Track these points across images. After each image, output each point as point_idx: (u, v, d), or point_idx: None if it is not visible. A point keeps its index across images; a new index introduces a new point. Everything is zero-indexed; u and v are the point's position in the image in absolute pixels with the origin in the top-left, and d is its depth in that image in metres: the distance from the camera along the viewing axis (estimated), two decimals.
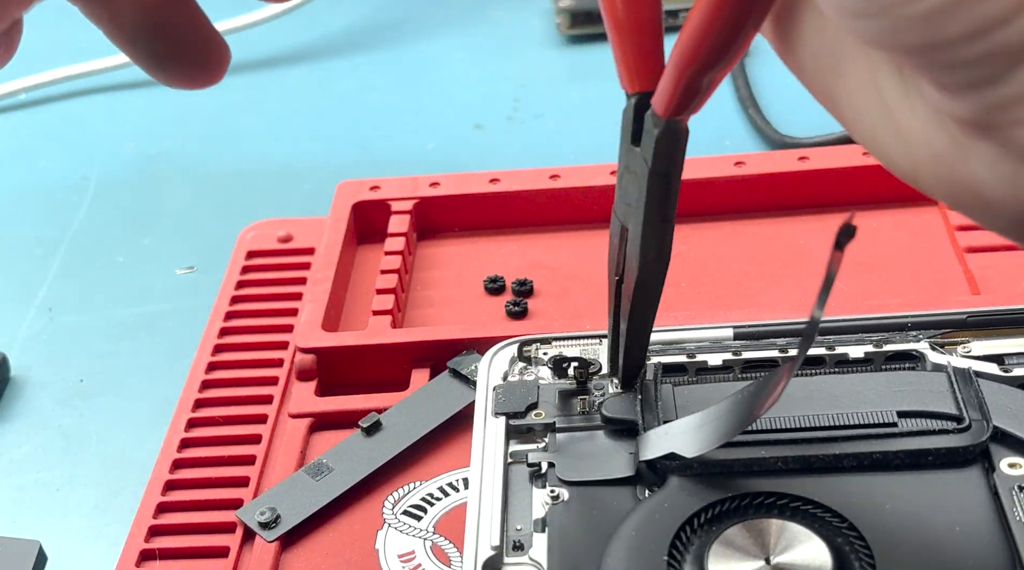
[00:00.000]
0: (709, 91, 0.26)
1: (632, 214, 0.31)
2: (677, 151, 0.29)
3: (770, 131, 0.56)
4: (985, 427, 0.32)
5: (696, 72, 0.25)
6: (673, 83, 0.26)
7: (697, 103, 0.27)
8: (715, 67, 0.25)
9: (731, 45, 0.24)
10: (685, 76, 0.25)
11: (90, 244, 0.56)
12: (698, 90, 0.26)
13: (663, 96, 0.27)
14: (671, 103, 0.27)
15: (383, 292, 0.45)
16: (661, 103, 0.27)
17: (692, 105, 0.27)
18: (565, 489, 0.33)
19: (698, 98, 0.26)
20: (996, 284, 0.43)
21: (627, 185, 0.30)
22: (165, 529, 0.39)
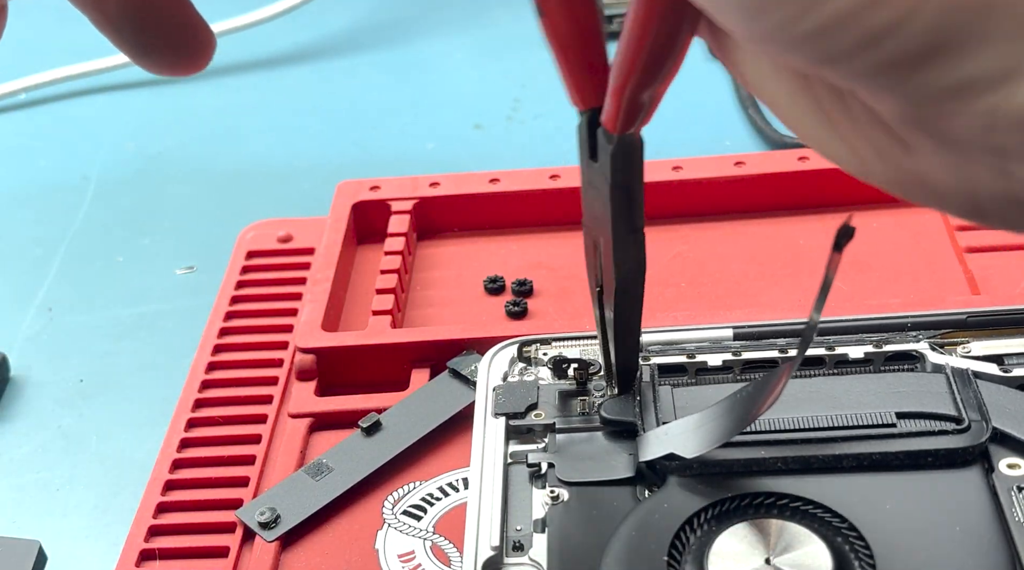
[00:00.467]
0: (654, 104, 0.26)
1: (601, 228, 0.31)
2: (634, 163, 0.29)
3: (770, 131, 0.56)
4: (984, 428, 0.33)
5: (635, 90, 0.25)
6: (615, 101, 0.26)
7: (644, 117, 0.27)
8: (652, 83, 0.25)
9: (663, 62, 0.24)
10: (626, 94, 0.26)
11: (90, 244, 0.56)
12: (641, 105, 0.26)
13: (609, 114, 0.27)
14: (617, 120, 0.27)
15: (383, 292, 0.45)
16: (610, 119, 0.27)
17: (639, 119, 0.27)
18: (565, 489, 0.33)
19: (643, 112, 0.27)
20: (996, 284, 0.43)
21: (591, 200, 0.31)
22: (165, 529, 0.39)
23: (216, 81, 0.67)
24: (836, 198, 0.48)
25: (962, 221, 0.46)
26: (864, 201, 0.48)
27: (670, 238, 0.48)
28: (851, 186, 0.48)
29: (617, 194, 0.29)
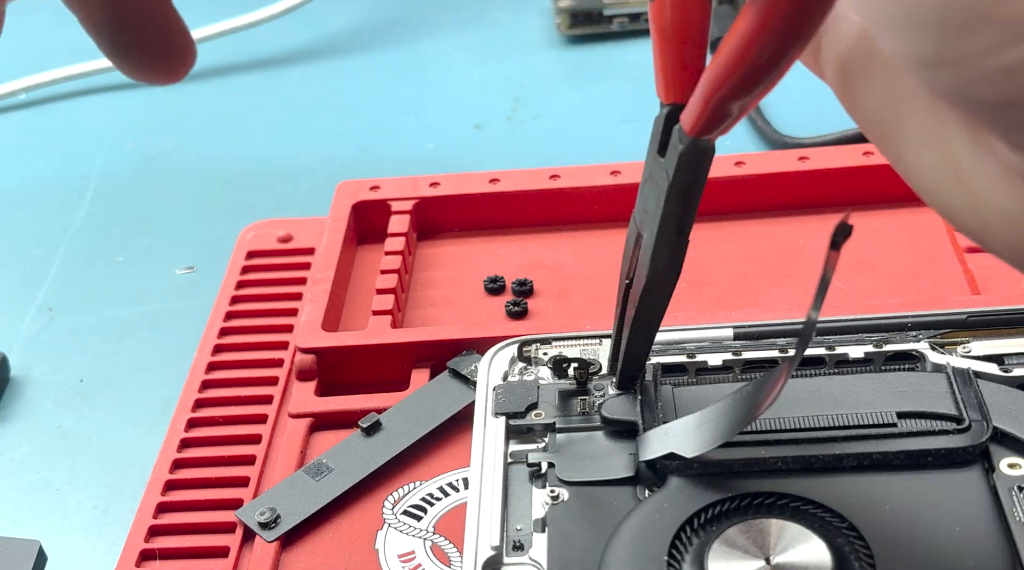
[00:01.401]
0: (740, 116, 0.25)
1: (648, 223, 0.31)
2: (701, 169, 0.28)
3: (770, 131, 0.56)
4: (985, 428, 0.33)
5: (726, 98, 0.24)
6: (702, 104, 0.25)
7: (726, 126, 0.26)
8: (747, 95, 0.24)
9: (767, 75, 0.23)
10: (715, 100, 0.24)
11: (90, 244, 0.56)
12: (728, 115, 0.25)
13: (692, 115, 0.26)
14: (698, 123, 0.26)
15: (383, 292, 0.45)
16: (689, 121, 0.26)
17: (721, 127, 0.26)
18: (565, 489, 0.33)
19: (728, 122, 0.25)
20: (996, 284, 0.43)
21: (648, 193, 0.30)
22: (165, 529, 0.39)
23: (216, 81, 0.67)
24: (836, 198, 0.48)
25: None
26: (864, 201, 0.48)
27: None
28: (851, 186, 0.48)
29: (674, 194, 0.29)
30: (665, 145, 0.29)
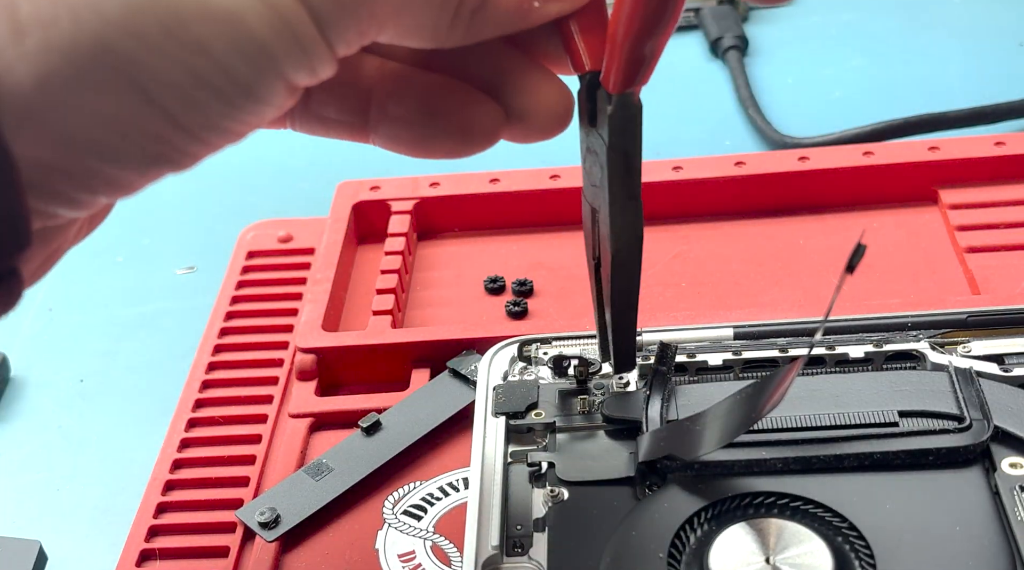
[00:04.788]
0: (654, 60, 0.27)
1: (600, 194, 0.31)
2: (634, 126, 0.29)
3: (770, 131, 0.56)
4: (986, 427, 0.33)
5: (636, 42, 0.26)
6: (617, 56, 0.27)
7: (644, 73, 0.27)
8: (653, 34, 0.26)
9: (664, 9, 0.26)
10: (627, 47, 0.26)
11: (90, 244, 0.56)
12: (642, 59, 0.27)
13: (610, 71, 0.27)
14: (619, 76, 0.27)
15: (383, 292, 0.45)
16: (612, 78, 0.28)
17: (639, 76, 0.27)
18: (565, 489, 0.33)
19: (644, 68, 0.27)
20: (996, 284, 0.43)
21: (590, 166, 0.31)
22: (165, 529, 0.39)
23: None
24: (836, 198, 0.48)
25: (962, 221, 0.46)
26: (864, 201, 0.48)
27: (670, 238, 0.48)
28: (851, 186, 0.48)
29: (615, 158, 0.29)
30: (593, 115, 0.29)
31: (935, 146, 0.48)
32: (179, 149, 0.25)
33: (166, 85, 0.23)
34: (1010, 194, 0.47)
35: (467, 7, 0.25)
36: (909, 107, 0.55)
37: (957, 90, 0.58)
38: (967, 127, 0.54)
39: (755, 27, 0.65)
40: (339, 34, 0.24)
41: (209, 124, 0.24)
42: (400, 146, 0.30)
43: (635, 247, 0.31)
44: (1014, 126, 0.54)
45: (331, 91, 0.29)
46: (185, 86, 0.23)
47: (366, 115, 0.30)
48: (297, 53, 0.24)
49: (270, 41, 0.23)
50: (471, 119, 0.29)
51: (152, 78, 0.23)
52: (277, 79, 0.24)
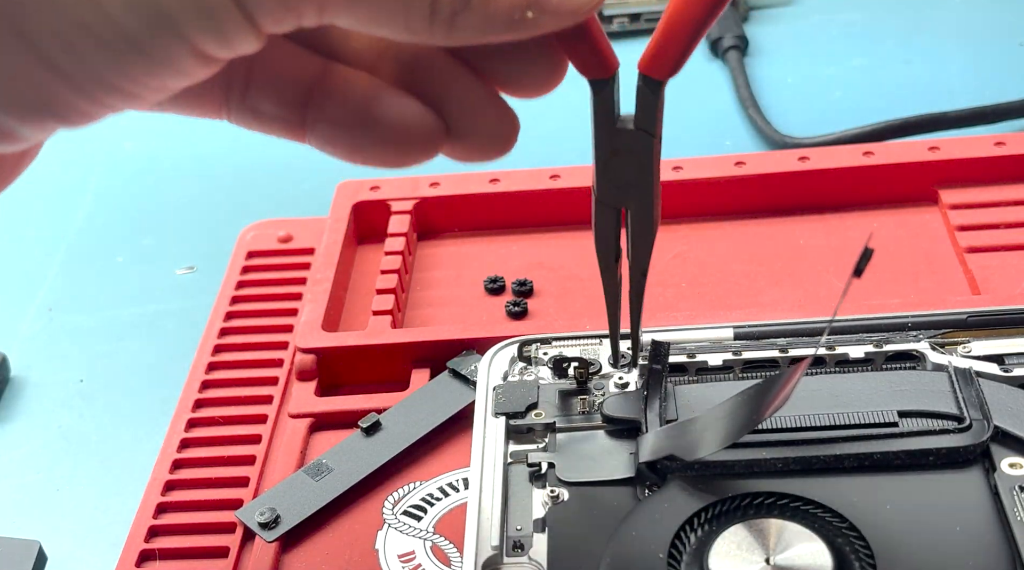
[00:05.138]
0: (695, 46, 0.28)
1: (634, 191, 0.31)
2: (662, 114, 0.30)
3: (770, 131, 0.56)
4: (986, 427, 0.33)
5: (701, 27, 0.27)
6: (679, 41, 0.28)
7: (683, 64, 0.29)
8: (706, 29, 0.27)
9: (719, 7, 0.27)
10: (691, 32, 0.27)
11: (90, 244, 0.56)
12: (691, 51, 0.28)
13: (669, 58, 0.28)
14: (674, 62, 0.28)
15: (383, 292, 0.45)
16: (665, 67, 0.28)
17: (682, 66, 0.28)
18: (565, 489, 0.33)
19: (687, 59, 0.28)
20: (996, 284, 0.43)
21: (617, 168, 0.31)
22: (165, 529, 0.39)
23: None
24: (836, 198, 0.48)
25: (962, 221, 0.46)
26: (864, 201, 0.48)
27: (670, 238, 0.48)
28: (851, 186, 0.48)
29: (658, 146, 0.30)
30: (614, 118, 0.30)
31: (935, 146, 0.48)
32: (66, 102, 0.24)
33: (50, 33, 0.22)
34: (1010, 194, 0.47)
35: (445, 6, 0.24)
36: (909, 107, 0.55)
37: (957, 90, 0.58)
38: (967, 127, 0.54)
39: (755, 27, 0.65)
40: (262, 9, 0.23)
41: (98, 79, 0.23)
42: (335, 149, 0.29)
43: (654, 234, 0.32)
44: (1014, 126, 0.54)
45: (271, 85, 0.29)
46: (69, 36, 0.22)
47: (304, 113, 0.29)
48: (204, 19, 0.23)
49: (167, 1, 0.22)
50: (410, 131, 0.28)
51: (35, 25, 0.22)
52: (179, 43, 0.23)
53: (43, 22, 0.22)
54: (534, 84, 0.29)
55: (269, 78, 0.28)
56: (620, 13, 0.65)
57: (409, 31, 0.25)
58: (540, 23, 0.25)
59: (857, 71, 0.61)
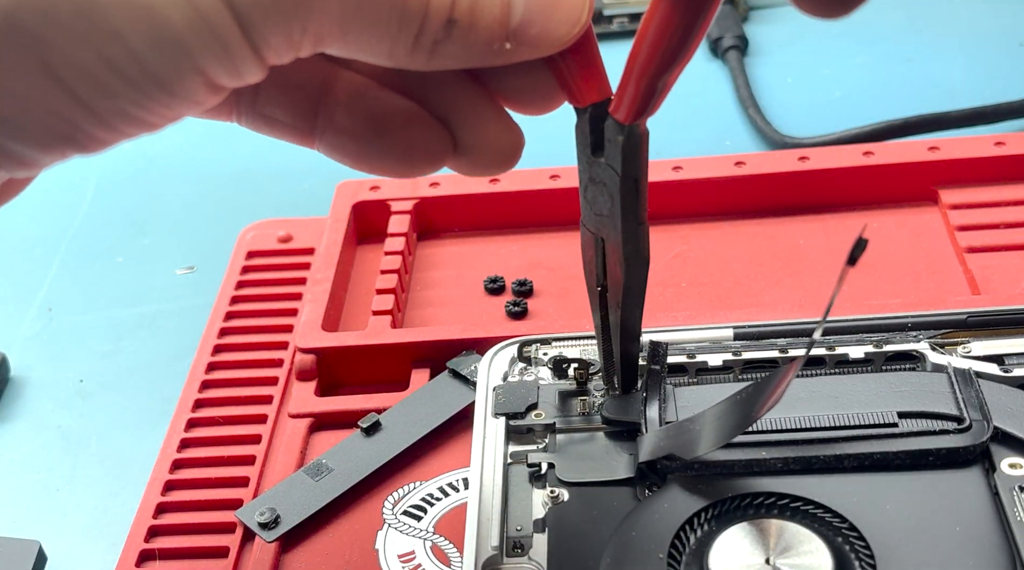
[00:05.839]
0: (664, 92, 0.28)
1: (607, 223, 0.31)
2: (643, 154, 0.29)
3: (770, 131, 0.56)
4: (986, 427, 0.33)
5: (654, 76, 0.27)
6: (634, 89, 0.28)
7: (654, 105, 0.28)
8: (670, 69, 0.27)
9: (683, 48, 0.27)
10: (644, 81, 0.27)
11: (90, 244, 0.56)
12: (654, 92, 0.28)
13: (625, 103, 0.28)
14: (632, 108, 0.28)
15: (383, 292, 0.45)
16: (623, 110, 0.28)
17: (650, 107, 0.28)
18: (565, 489, 0.33)
19: (654, 100, 0.28)
20: (996, 284, 0.43)
21: (594, 197, 0.31)
22: (165, 529, 0.39)
23: None
24: (836, 198, 0.48)
25: (962, 221, 0.46)
26: (864, 201, 0.48)
27: (670, 238, 0.48)
28: (851, 186, 0.48)
29: (628, 186, 0.30)
30: (598, 145, 0.29)
31: (935, 146, 0.48)
32: (86, 132, 0.24)
33: (76, 68, 0.23)
34: (1010, 194, 0.47)
35: (428, 37, 0.25)
36: (909, 107, 0.55)
37: (957, 90, 0.58)
38: (967, 127, 0.54)
39: (755, 27, 0.65)
40: (265, 41, 0.24)
41: (119, 111, 0.24)
42: (343, 157, 0.30)
43: (645, 270, 0.32)
44: (1014, 126, 0.54)
45: (281, 92, 0.29)
46: (95, 71, 0.23)
47: (314, 121, 0.30)
48: (217, 53, 0.24)
49: (188, 38, 0.23)
50: (418, 142, 0.29)
51: (62, 60, 0.23)
52: (195, 76, 0.24)
53: (71, 58, 0.23)
54: (537, 102, 0.29)
55: (280, 85, 0.29)
56: (620, 13, 0.65)
57: (392, 58, 0.26)
58: (518, 54, 0.26)
59: (857, 71, 0.61)
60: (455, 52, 0.26)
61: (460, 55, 0.26)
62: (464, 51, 0.26)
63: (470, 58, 0.26)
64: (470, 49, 0.26)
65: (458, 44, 0.25)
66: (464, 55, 0.26)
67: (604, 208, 0.31)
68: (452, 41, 0.25)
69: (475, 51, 0.26)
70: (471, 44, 0.25)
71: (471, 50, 0.26)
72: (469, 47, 0.26)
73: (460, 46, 0.25)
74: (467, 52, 0.26)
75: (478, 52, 0.26)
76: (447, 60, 0.26)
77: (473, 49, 0.26)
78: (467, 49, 0.26)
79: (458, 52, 0.26)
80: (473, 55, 0.26)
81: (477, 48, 0.26)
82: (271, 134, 0.30)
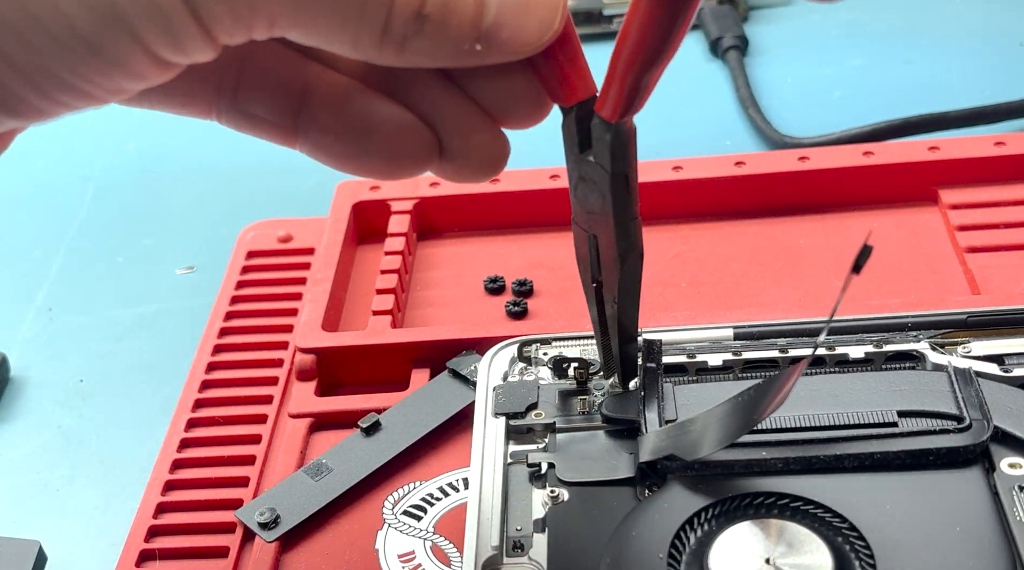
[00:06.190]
0: (649, 89, 0.28)
1: (599, 220, 0.31)
2: (631, 150, 0.30)
3: (770, 131, 0.56)
4: (986, 427, 0.33)
5: (638, 74, 0.27)
6: (619, 87, 0.28)
7: (639, 102, 0.28)
8: (653, 67, 0.27)
9: (665, 46, 0.27)
10: (628, 79, 0.27)
11: (90, 244, 0.56)
12: (638, 90, 0.28)
13: (611, 101, 0.28)
14: (618, 106, 0.28)
15: (383, 292, 0.45)
16: (609, 108, 0.28)
17: (635, 104, 0.28)
18: (565, 489, 0.33)
19: (639, 97, 0.28)
20: (996, 284, 0.43)
21: (585, 194, 0.31)
22: (165, 529, 0.39)
23: None
24: (836, 198, 0.48)
25: (962, 221, 0.46)
26: (864, 201, 0.48)
27: (670, 238, 0.48)
28: (851, 186, 0.48)
29: (618, 182, 0.30)
30: (585, 143, 0.30)
31: (935, 146, 0.48)
32: (17, 96, 0.24)
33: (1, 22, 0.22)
34: (1010, 194, 0.47)
35: (398, 29, 0.25)
36: (909, 107, 0.55)
37: (957, 90, 0.58)
38: (967, 127, 0.54)
39: (755, 27, 0.65)
40: (211, 16, 0.23)
41: (49, 74, 0.23)
42: (327, 157, 0.30)
43: (639, 264, 0.32)
44: (1014, 126, 0.54)
45: (262, 89, 0.29)
46: (21, 26, 0.23)
47: (296, 120, 0.29)
48: (157, 23, 0.23)
49: (122, 3, 0.23)
50: (404, 146, 0.29)
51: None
52: (133, 45, 0.23)
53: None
54: (521, 112, 0.29)
55: (261, 81, 0.29)
56: (619, 13, 0.65)
57: (357, 49, 0.25)
58: (488, 56, 0.26)
59: (857, 71, 0.61)
60: (426, 49, 0.25)
61: (430, 52, 0.25)
62: (435, 48, 0.25)
63: (440, 56, 0.26)
64: (440, 47, 0.25)
65: (429, 40, 0.25)
66: (434, 52, 0.25)
67: (596, 205, 0.31)
68: (423, 36, 0.25)
69: (445, 49, 0.25)
70: (442, 42, 0.25)
71: (441, 48, 0.25)
72: (439, 45, 0.25)
73: (431, 43, 0.25)
74: (437, 50, 0.25)
75: (448, 51, 0.25)
76: (418, 57, 0.25)
77: (444, 47, 0.25)
78: (437, 47, 0.25)
79: (429, 49, 0.25)
80: (443, 53, 0.26)
81: (447, 47, 0.25)
82: (252, 132, 0.30)
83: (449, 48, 0.25)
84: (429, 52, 0.25)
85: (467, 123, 0.29)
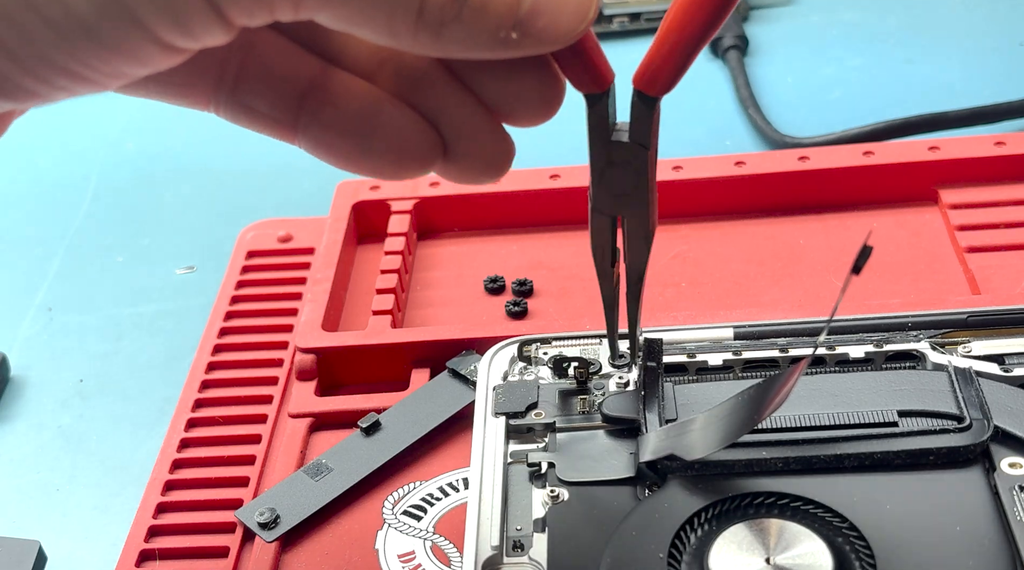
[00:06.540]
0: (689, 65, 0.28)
1: (630, 201, 0.31)
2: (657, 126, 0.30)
3: (770, 131, 0.56)
4: (986, 427, 0.33)
5: (694, 47, 0.27)
6: (673, 61, 0.28)
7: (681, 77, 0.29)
8: (701, 47, 0.27)
9: (716, 25, 0.27)
10: (685, 51, 0.27)
11: (90, 244, 0.56)
12: (687, 65, 0.28)
13: (663, 76, 0.28)
14: (670, 80, 0.28)
15: (383, 292, 0.45)
16: (660, 83, 0.28)
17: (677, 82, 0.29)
18: (565, 489, 0.33)
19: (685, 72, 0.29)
20: (996, 284, 0.43)
21: (613, 178, 0.31)
22: (165, 529, 0.39)
23: None
24: (836, 198, 0.48)
25: (962, 221, 0.46)
26: (864, 201, 0.48)
27: (670, 238, 0.48)
28: (851, 186, 0.48)
29: (654, 157, 0.30)
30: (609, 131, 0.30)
31: (935, 146, 0.48)
32: (13, 81, 0.23)
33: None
34: (1010, 194, 0.47)
35: (434, 13, 0.24)
36: (909, 107, 0.55)
37: (957, 90, 0.58)
38: (967, 127, 0.54)
39: (755, 27, 0.65)
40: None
41: (45, 59, 0.23)
42: (328, 155, 0.29)
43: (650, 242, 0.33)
44: (1014, 126, 0.54)
45: (265, 82, 0.28)
46: (13, 11, 0.22)
47: (296, 114, 0.28)
48: (161, 6, 0.22)
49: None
50: (408, 145, 0.28)
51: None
52: (135, 29, 0.22)
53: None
54: (528, 113, 0.28)
55: (263, 74, 0.28)
56: (620, 13, 0.65)
57: (392, 34, 0.24)
58: (522, 45, 0.25)
59: (857, 71, 0.61)
60: (462, 36, 0.24)
61: (466, 40, 0.25)
62: (471, 36, 0.25)
63: (476, 45, 0.25)
64: (477, 35, 0.25)
65: (465, 26, 0.24)
66: (471, 41, 0.25)
67: (628, 186, 0.31)
68: (460, 22, 0.24)
69: (482, 38, 0.25)
70: (479, 29, 0.24)
71: (478, 36, 0.25)
72: (476, 33, 0.24)
73: (467, 29, 0.24)
74: (474, 38, 0.25)
75: (485, 39, 0.25)
76: (453, 45, 0.25)
77: (480, 35, 0.25)
78: (474, 34, 0.24)
79: (465, 37, 0.24)
80: (479, 42, 0.25)
81: (484, 35, 0.25)
82: (251, 126, 0.29)
83: (486, 36, 0.25)
84: (465, 40, 0.25)
85: (473, 124, 0.28)
